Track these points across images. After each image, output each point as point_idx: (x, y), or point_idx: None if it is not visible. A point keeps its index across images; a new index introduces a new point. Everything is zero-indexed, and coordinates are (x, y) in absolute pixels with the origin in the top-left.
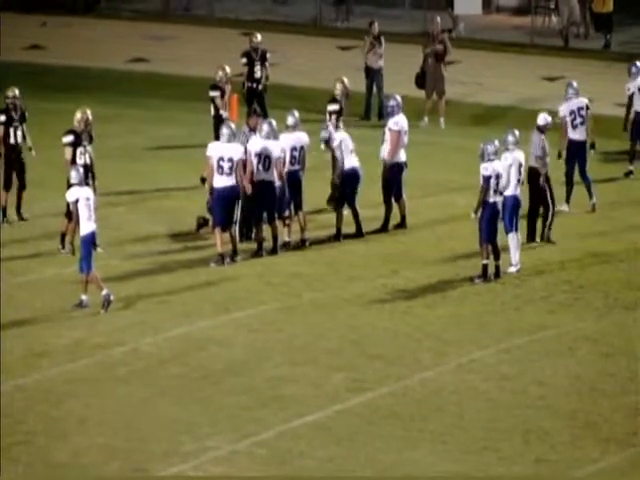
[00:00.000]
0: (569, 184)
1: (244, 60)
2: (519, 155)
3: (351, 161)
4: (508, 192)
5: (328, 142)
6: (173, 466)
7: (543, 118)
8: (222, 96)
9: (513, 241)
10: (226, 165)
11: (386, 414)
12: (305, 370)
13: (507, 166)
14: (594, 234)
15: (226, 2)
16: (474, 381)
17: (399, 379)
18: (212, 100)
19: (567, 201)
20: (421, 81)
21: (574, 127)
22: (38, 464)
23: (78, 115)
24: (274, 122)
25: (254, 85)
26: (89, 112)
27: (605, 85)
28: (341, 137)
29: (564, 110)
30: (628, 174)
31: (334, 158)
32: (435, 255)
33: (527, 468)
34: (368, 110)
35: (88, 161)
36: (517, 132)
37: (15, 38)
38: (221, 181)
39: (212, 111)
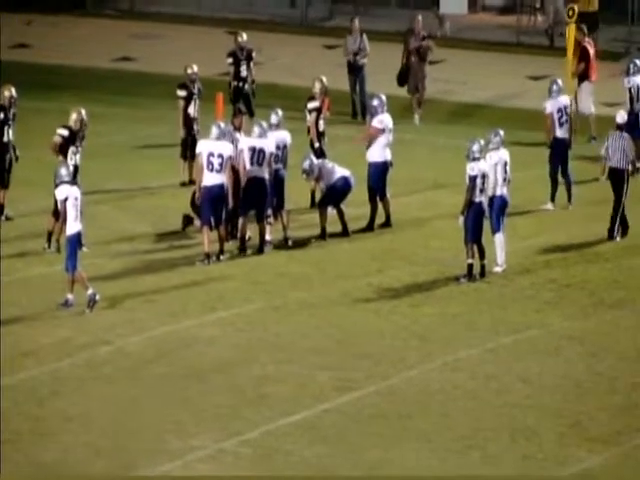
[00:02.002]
0: (554, 182)
1: (230, 60)
2: (504, 154)
3: (340, 172)
4: (495, 192)
5: (309, 174)
6: (160, 465)
7: (621, 116)
8: (190, 95)
9: (499, 241)
10: (216, 161)
11: (372, 413)
12: (291, 369)
13: (493, 165)
14: (580, 233)
15: (212, 0)
16: (460, 380)
17: (385, 378)
18: (179, 99)
19: (552, 199)
20: (403, 78)
21: (560, 125)
22: (24, 463)
23: (74, 115)
24: (264, 123)
25: (240, 84)
26: (84, 112)
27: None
28: (319, 164)
29: (551, 107)
30: None
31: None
32: (421, 254)
33: (513, 467)
34: (355, 108)
35: (79, 162)
36: (502, 132)
37: (1, 36)
38: (210, 179)
39: (181, 110)
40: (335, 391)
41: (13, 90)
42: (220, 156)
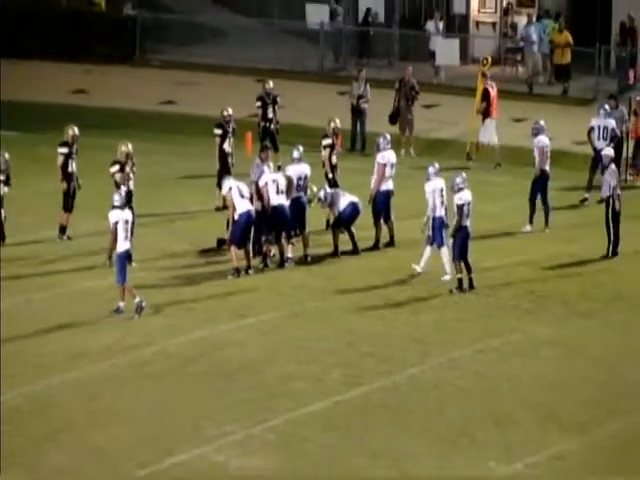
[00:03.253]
0: (533, 207)
1: (258, 103)
2: (439, 183)
3: (349, 199)
4: (436, 213)
5: (323, 202)
6: (197, 448)
7: (610, 151)
8: (225, 133)
9: (445, 254)
10: (245, 190)
11: (377, 405)
12: (309, 367)
13: (430, 192)
14: (555, 252)
15: (243, 52)
16: (453, 377)
17: (389, 375)
18: (216, 136)
19: (530, 222)
20: (394, 119)
21: (547, 159)
22: (78, 447)
23: (122, 148)
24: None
25: (267, 124)
26: (130, 146)
27: (564, 125)
28: (332, 193)
29: (542, 142)
30: (583, 201)
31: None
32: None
33: (497, 451)
34: (353, 143)
35: (132, 187)
36: (437, 164)
37: (62, 83)
38: (243, 205)
39: (217, 146)
40: (346, 386)
41: (76, 129)
42: (242, 187)
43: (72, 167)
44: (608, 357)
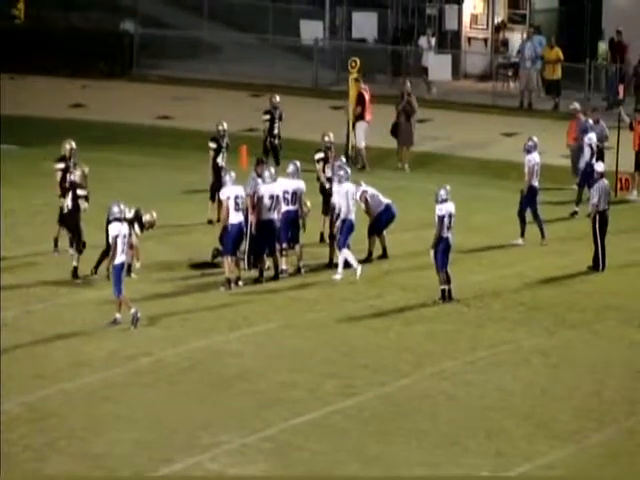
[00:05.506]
0: (523, 221)
1: (267, 117)
2: (350, 187)
3: (384, 201)
4: (347, 216)
5: (361, 201)
6: (193, 456)
7: (601, 166)
8: (219, 148)
9: (342, 256)
10: (240, 202)
11: (371, 414)
12: (303, 377)
13: (344, 194)
14: (545, 264)
15: (238, 67)
16: (445, 387)
17: (382, 385)
18: (210, 149)
19: (522, 235)
20: (395, 131)
21: (537, 175)
22: (79, 454)
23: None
24: (272, 169)
25: (273, 140)
26: (73, 144)
27: (554, 140)
28: (372, 194)
29: (533, 160)
30: (573, 214)
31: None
32: (412, 282)
33: (488, 460)
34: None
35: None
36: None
37: (61, 98)
38: (235, 217)
39: (211, 159)
40: (339, 396)
41: (73, 143)
42: (241, 197)
43: (69, 181)
44: (597, 367)
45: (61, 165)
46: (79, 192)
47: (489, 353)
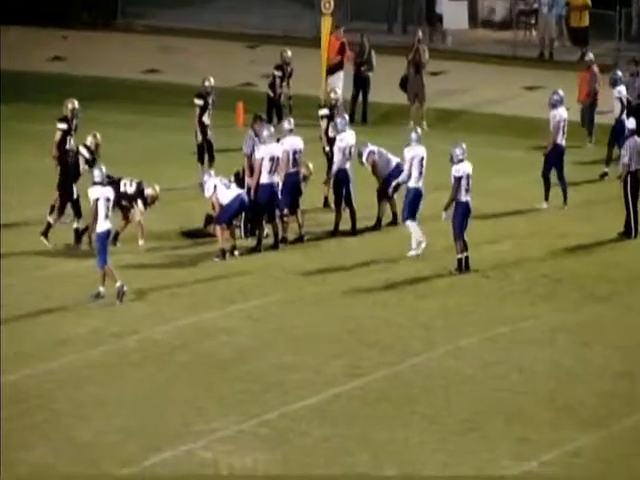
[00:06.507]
0: (547, 183)
1: (278, 73)
2: (420, 150)
3: (394, 160)
4: (411, 184)
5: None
6: (184, 445)
7: (632, 122)
8: (205, 104)
9: (411, 228)
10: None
11: (379, 397)
12: (305, 357)
13: (410, 159)
14: (571, 231)
15: (233, 16)
16: (460, 367)
17: (391, 365)
18: (196, 106)
19: (546, 199)
20: (404, 85)
21: (563, 133)
22: (64, 443)
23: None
24: (272, 128)
25: (277, 96)
26: (76, 103)
27: None
28: (378, 151)
29: (559, 115)
30: (603, 175)
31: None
32: (425, 251)
33: (508, 447)
34: (352, 114)
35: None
36: (419, 130)
37: (39, 50)
38: (232, 192)
39: (196, 117)
40: (345, 377)
41: (76, 103)
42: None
43: (70, 144)
44: (628, 345)
45: (63, 126)
46: (87, 155)
47: (509, 330)
